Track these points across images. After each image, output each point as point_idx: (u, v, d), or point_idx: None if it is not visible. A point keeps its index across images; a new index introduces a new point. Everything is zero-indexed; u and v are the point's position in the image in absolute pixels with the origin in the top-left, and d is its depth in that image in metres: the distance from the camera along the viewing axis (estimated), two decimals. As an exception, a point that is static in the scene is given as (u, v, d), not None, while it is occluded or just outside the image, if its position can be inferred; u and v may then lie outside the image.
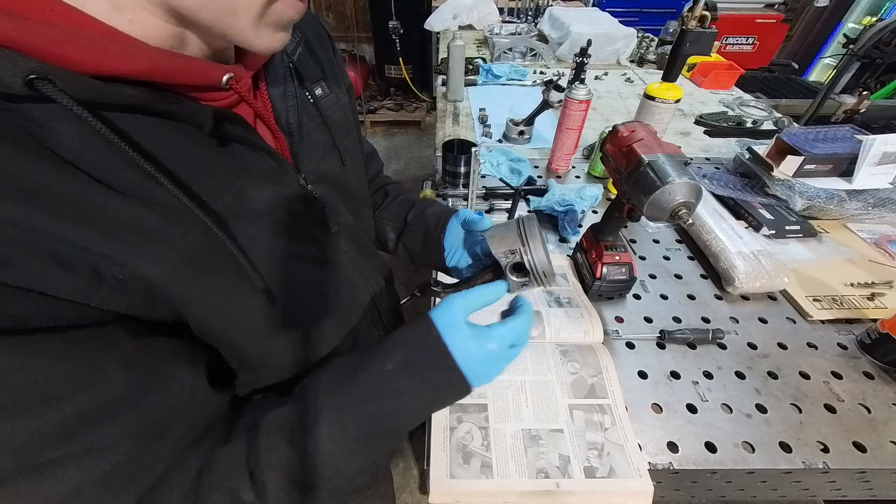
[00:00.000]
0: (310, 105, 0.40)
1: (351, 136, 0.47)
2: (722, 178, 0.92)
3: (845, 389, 0.56)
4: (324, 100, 0.41)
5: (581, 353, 0.60)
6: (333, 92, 0.43)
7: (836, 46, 2.55)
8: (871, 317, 0.65)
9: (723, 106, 1.34)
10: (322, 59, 0.43)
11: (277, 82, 0.36)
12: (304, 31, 0.42)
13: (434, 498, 0.47)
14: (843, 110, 1.44)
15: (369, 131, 3.23)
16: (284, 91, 0.36)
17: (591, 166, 1.02)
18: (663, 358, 0.61)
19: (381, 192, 0.63)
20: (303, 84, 0.39)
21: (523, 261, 0.39)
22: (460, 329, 0.35)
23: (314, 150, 0.40)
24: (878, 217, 0.82)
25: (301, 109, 0.38)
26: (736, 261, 0.69)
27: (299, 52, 0.39)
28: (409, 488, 1.36)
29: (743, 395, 0.56)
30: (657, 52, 1.71)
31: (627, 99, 1.41)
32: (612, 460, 0.49)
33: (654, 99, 0.87)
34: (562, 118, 0.95)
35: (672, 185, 0.47)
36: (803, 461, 0.49)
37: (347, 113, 0.46)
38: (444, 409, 0.54)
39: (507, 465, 0.49)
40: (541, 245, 0.39)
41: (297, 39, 0.39)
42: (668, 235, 0.83)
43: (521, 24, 2.08)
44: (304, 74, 0.39)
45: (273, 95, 0.36)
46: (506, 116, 1.18)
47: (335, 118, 0.43)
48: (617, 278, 0.66)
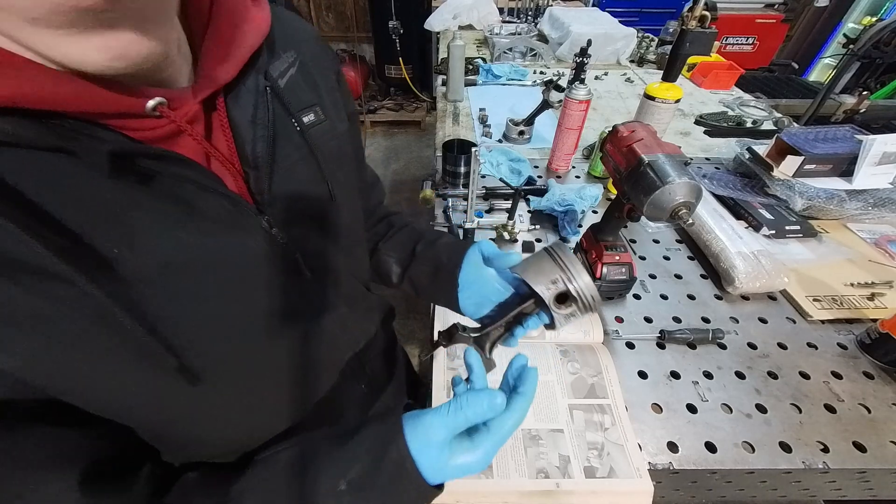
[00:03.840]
0: (295, 134, 0.35)
1: (345, 168, 0.42)
2: (722, 178, 0.92)
3: (845, 389, 0.56)
4: (314, 128, 0.36)
5: (581, 353, 0.60)
6: (328, 119, 0.38)
7: (836, 46, 2.55)
8: (871, 317, 0.65)
9: (723, 106, 1.34)
10: (319, 83, 0.38)
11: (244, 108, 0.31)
12: (301, 52, 0.37)
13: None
14: (843, 110, 1.44)
15: (369, 131, 3.23)
16: (253, 119, 0.31)
17: (591, 166, 1.02)
18: (663, 358, 0.61)
19: (384, 223, 0.57)
20: (287, 110, 0.34)
21: (568, 289, 0.36)
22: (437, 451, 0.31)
23: (293, 184, 0.35)
24: (878, 217, 0.82)
25: (278, 139, 0.33)
26: (736, 261, 0.69)
27: (290, 74, 0.35)
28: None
29: (743, 395, 0.56)
30: (657, 52, 1.71)
31: (627, 99, 1.41)
32: (612, 460, 0.49)
33: (654, 99, 0.87)
34: (562, 118, 0.95)
35: (672, 185, 0.48)
36: (803, 461, 0.49)
37: (343, 143, 0.42)
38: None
39: (506, 464, 0.49)
40: (583, 269, 0.37)
41: (291, 61, 0.35)
42: (668, 235, 0.83)
43: (521, 24, 2.08)
44: (290, 99, 0.34)
45: (237, 123, 0.30)
46: (506, 116, 1.18)
47: (327, 148, 0.38)
48: (617, 278, 0.66)
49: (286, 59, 0.35)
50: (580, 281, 0.36)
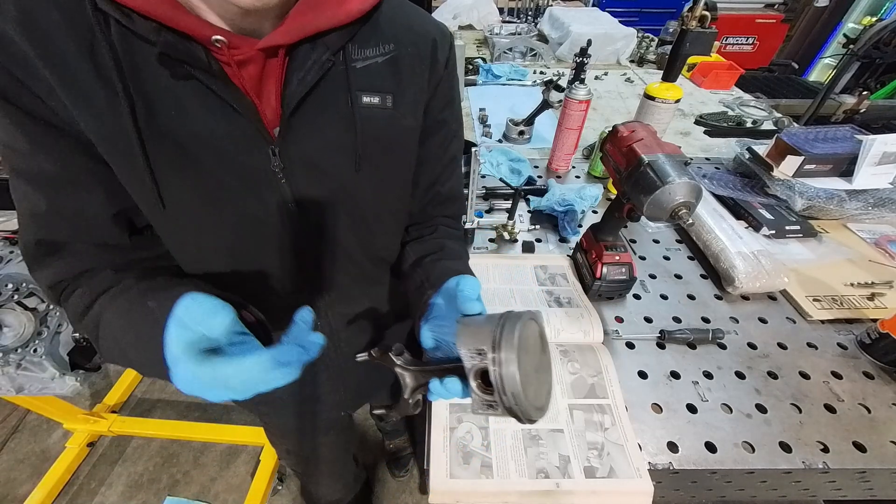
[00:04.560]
0: (345, 106, 0.40)
1: (392, 154, 0.46)
2: (722, 178, 0.93)
3: (845, 389, 0.57)
4: (370, 108, 0.41)
5: (581, 353, 0.60)
6: (395, 109, 0.42)
7: (836, 46, 2.55)
8: (871, 317, 0.65)
9: (723, 106, 1.34)
10: (406, 80, 0.42)
11: (298, 69, 0.37)
12: (402, 49, 0.41)
13: (434, 498, 0.47)
14: (843, 110, 1.44)
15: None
16: (303, 78, 0.37)
17: (591, 166, 1.02)
18: (663, 358, 0.61)
19: (431, 227, 0.57)
20: (347, 86, 0.40)
21: (489, 371, 0.29)
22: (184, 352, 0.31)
23: (317, 139, 0.40)
24: (878, 217, 0.82)
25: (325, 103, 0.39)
26: (736, 261, 0.69)
27: (375, 61, 0.40)
28: (409, 488, 1.36)
29: (743, 395, 0.56)
30: (657, 52, 1.71)
31: (627, 99, 1.41)
32: (612, 460, 0.49)
33: (654, 99, 0.88)
34: (562, 118, 0.95)
35: (672, 185, 0.48)
36: (803, 461, 0.49)
37: (402, 134, 0.45)
38: (444, 410, 0.55)
39: (507, 465, 0.49)
40: (516, 351, 0.28)
41: (384, 52, 0.40)
42: (668, 235, 0.83)
43: (521, 24, 2.08)
44: (358, 79, 0.40)
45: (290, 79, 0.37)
46: (506, 116, 1.18)
47: (375, 129, 0.42)
48: (617, 278, 0.66)
49: (379, 49, 0.40)
50: (504, 368, 0.28)
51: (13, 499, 1.31)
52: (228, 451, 1.44)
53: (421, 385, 0.36)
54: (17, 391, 0.87)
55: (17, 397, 0.96)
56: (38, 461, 1.40)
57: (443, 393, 0.35)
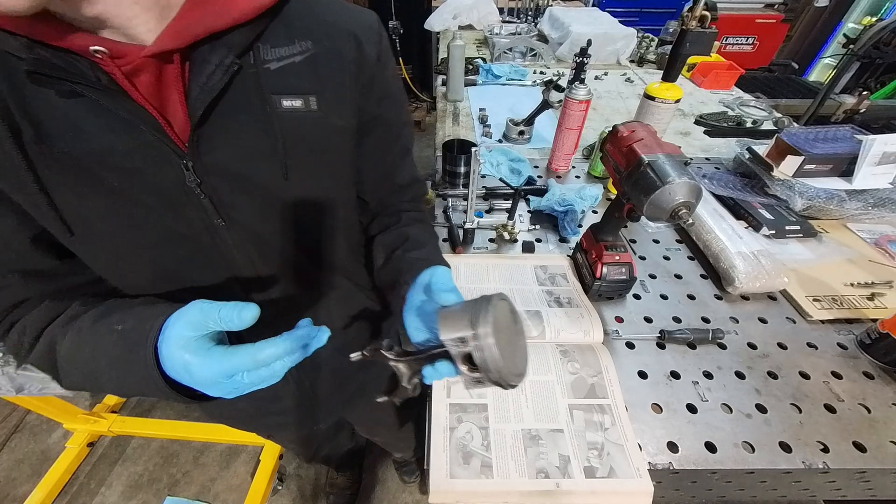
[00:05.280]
0: (260, 110, 0.38)
1: (324, 158, 0.43)
2: (722, 178, 0.92)
3: (845, 389, 0.57)
4: (293, 112, 0.39)
5: (581, 353, 0.60)
6: (320, 110, 0.40)
7: (836, 46, 2.55)
8: (871, 317, 0.65)
9: (723, 106, 1.34)
10: (327, 77, 0.40)
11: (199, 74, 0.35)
12: (321, 46, 0.39)
13: (434, 498, 0.47)
14: (843, 110, 1.44)
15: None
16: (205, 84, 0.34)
17: (591, 166, 1.02)
18: (663, 358, 0.61)
19: (393, 216, 0.57)
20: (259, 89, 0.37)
21: (473, 356, 0.33)
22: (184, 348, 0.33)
23: (232, 150, 0.38)
24: (878, 217, 0.82)
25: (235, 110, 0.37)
26: (736, 261, 0.69)
27: (291, 61, 0.37)
28: (409, 488, 1.36)
29: (743, 395, 0.56)
30: (657, 52, 1.71)
31: (627, 99, 1.41)
32: (612, 460, 0.49)
33: (654, 99, 0.87)
34: (562, 118, 0.95)
35: (672, 185, 0.48)
36: (803, 461, 0.49)
37: (332, 134, 0.43)
38: (444, 410, 0.55)
39: (507, 465, 0.49)
40: (493, 334, 0.32)
41: (300, 50, 0.38)
42: (668, 235, 0.83)
43: (521, 24, 2.08)
44: (272, 81, 0.37)
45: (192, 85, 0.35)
46: (506, 116, 1.18)
47: (300, 133, 0.40)
48: (617, 278, 0.66)
49: (294, 48, 0.38)
50: (486, 350, 0.32)
51: (13, 499, 1.31)
52: (228, 451, 1.44)
53: (415, 372, 0.39)
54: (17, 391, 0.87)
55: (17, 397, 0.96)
56: (38, 461, 1.41)
57: (436, 376, 0.38)
